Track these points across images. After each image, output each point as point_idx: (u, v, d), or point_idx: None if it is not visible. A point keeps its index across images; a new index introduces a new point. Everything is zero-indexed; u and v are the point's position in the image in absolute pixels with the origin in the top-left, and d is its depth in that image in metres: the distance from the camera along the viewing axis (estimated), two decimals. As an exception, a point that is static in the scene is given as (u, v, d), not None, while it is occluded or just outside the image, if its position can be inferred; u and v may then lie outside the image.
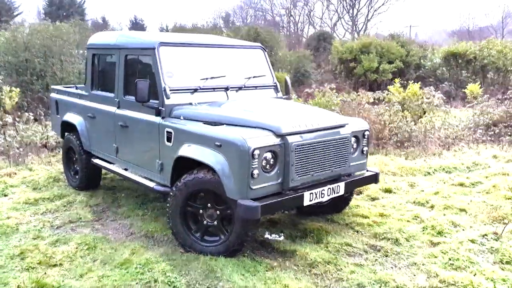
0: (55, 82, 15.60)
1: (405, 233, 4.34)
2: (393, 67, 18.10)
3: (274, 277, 3.56)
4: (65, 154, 6.28)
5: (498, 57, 18.24)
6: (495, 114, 10.29)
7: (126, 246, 4.24)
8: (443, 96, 10.31)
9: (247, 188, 3.66)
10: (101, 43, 5.50)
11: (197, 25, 35.26)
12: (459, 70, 19.58)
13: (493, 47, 18.60)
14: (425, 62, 20.39)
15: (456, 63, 19.59)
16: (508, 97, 11.65)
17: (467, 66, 19.35)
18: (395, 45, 18.82)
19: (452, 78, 19.46)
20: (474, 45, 19.47)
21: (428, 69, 20.30)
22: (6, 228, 4.60)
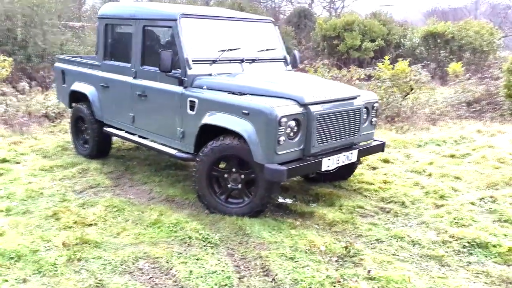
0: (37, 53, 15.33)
1: (410, 197, 4.73)
2: (375, 45, 18.48)
3: (299, 234, 3.89)
4: (74, 123, 6.39)
5: (475, 38, 18.87)
6: (476, 92, 10.84)
7: (152, 208, 4.48)
8: (428, 74, 10.79)
9: (273, 153, 3.95)
10: (115, 14, 5.59)
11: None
12: (438, 50, 20.14)
13: (470, 28, 19.21)
14: (405, 41, 20.86)
15: (435, 43, 20.12)
16: (488, 76, 12.25)
17: (445, 46, 19.92)
18: (377, 24, 19.18)
19: (431, 57, 20.02)
20: (452, 25, 20.03)
21: (408, 48, 20.79)
22: (31, 192, 4.76)
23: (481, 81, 12.04)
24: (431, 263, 3.43)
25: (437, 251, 3.57)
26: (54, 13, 15.75)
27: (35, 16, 15.09)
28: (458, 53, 19.64)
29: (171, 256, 3.52)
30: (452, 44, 19.44)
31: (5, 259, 3.37)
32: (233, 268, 3.38)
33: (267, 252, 3.57)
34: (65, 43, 15.86)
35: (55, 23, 15.88)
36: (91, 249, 3.60)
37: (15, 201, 4.57)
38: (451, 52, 19.67)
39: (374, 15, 20.89)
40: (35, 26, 15.08)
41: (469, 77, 11.87)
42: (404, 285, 3.06)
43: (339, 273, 3.27)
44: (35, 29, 14.99)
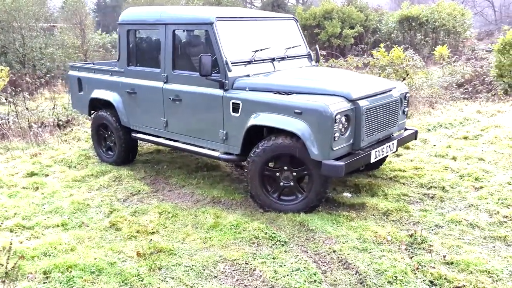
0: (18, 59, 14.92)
1: (447, 181, 4.95)
2: (354, 32, 18.81)
3: (360, 226, 4.05)
4: (96, 131, 6.33)
5: (448, 20, 19.43)
6: (466, 73, 11.23)
7: (204, 211, 4.54)
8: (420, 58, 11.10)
9: (330, 150, 4.07)
10: (139, 19, 5.55)
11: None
12: (413, 33, 20.63)
13: (442, 10, 19.75)
14: (381, 26, 21.28)
15: (410, 26, 20.60)
16: (473, 56, 12.69)
17: (420, 29, 20.42)
18: (355, 10, 19.48)
19: (407, 40, 20.49)
20: (426, 8, 20.54)
21: (384, 33, 21.22)
22: (78, 205, 4.73)
23: (466, 62, 12.49)
24: (497, 244, 3.65)
25: (498, 232, 3.79)
26: (32, 17, 15.33)
27: (13, 21, 14.65)
28: (432, 35, 20.25)
29: (247, 257, 3.61)
30: (426, 26, 19.97)
31: (87, 273, 3.38)
32: (313, 264, 3.50)
33: (338, 246, 3.71)
34: (44, 47, 15.48)
35: (32, 26, 15.46)
36: (167, 256, 3.65)
37: (65, 214, 4.54)
38: (425, 34, 20.23)
39: (351, 2, 21.18)
40: (14, 31, 14.66)
41: (457, 59, 12.28)
42: (483, 267, 3.26)
43: (415, 260, 3.44)
44: (14, 34, 14.57)
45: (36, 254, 3.67)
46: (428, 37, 20.10)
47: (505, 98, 9.42)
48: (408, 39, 20.43)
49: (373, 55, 10.58)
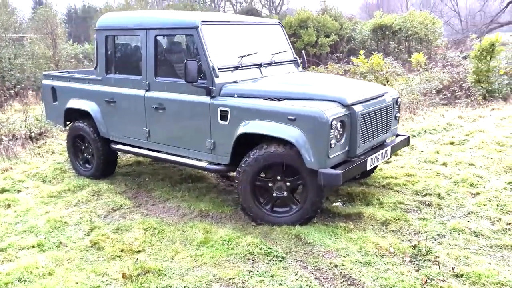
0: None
1: (442, 188, 4.82)
2: (330, 41, 18.88)
3: (360, 237, 3.85)
4: (72, 143, 5.97)
5: (420, 28, 19.75)
6: (444, 80, 11.30)
7: (192, 226, 4.26)
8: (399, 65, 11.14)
9: (326, 158, 3.87)
10: (118, 24, 5.26)
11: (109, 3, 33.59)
12: (387, 41, 20.88)
13: (414, 19, 20.08)
14: (355, 35, 21.47)
15: (383, 35, 20.84)
16: (449, 63, 12.83)
17: (393, 37, 20.68)
18: (329, 19, 19.58)
19: (381, 48, 20.72)
20: (398, 17, 20.85)
21: (359, 41, 21.40)
22: (55, 223, 4.38)
23: (443, 69, 12.61)
24: (505, 253, 3.50)
25: (504, 240, 3.66)
26: (0, 26, 14.76)
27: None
28: (405, 43, 20.55)
29: (243, 275, 3.36)
30: (399, 35, 20.25)
31: (68, 300, 3.06)
32: (315, 281, 3.27)
33: (339, 260, 3.49)
34: (13, 57, 14.88)
35: (0, 36, 14.88)
36: (156, 277, 3.36)
37: (41, 234, 4.18)
38: (399, 42, 20.52)
39: (325, 11, 21.30)
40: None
41: (433, 65, 12.37)
42: (495, 278, 3.09)
43: (423, 273, 3.25)
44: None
45: (9, 280, 3.33)
46: (401, 45, 20.40)
47: (484, 103, 9.49)
48: (382, 47, 20.66)
49: (353, 62, 10.55)
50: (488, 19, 32.77)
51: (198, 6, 20.75)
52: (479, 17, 35.43)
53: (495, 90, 9.87)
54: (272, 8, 42.75)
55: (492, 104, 9.35)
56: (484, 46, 9.79)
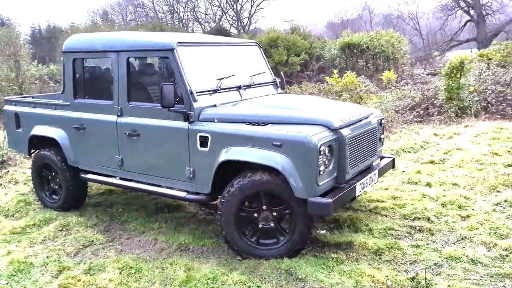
0: None
1: (430, 211, 4.67)
2: (300, 60, 18.93)
3: (353, 269, 3.62)
4: (37, 173, 5.55)
5: (387, 46, 20.12)
6: (416, 97, 11.38)
7: (172, 263, 3.93)
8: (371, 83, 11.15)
9: (315, 185, 3.65)
10: (86, 46, 4.94)
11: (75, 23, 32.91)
12: (355, 59, 21.15)
13: (381, 38, 20.46)
14: (325, 53, 21.65)
15: (351, 53, 21.11)
16: (420, 81, 12.99)
17: (361, 55, 20.98)
18: (299, 38, 19.68)
19: (349, 67, 20.94)
20: (365, 36, 21.20)
21: (327, 60, 21.59)
22: (18, 264, 3.96)
23: (413, 86, 12.74)
24: (507, 283, 3.33)
25: (504, 268, 3.49)
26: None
27: None
28: (372, 61, 20.87)
29: (233, 319, 3.06)
30: (367, 53, 20.55)
31: None
32: (312, 322, 3.01)
33: (335, 297, 3.25)
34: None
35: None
36: (136, 326, 3.02)
37: (3, 278, 3.76)
38: (366, 60, 20.82)
39: (294, 30, 21.43)
40: None
41: (405, 83, 12.48)
42: (502, 311, 2.92)
43: (425, 308, 3.04)
44: None
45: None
46: (369, 63, 20.69)
47: (457, 120, 9.56)
48: (350, 65, 20.88)
49: (327, 81, 10.49)
50: (448, 37, 33.95)
51: (167, 27, 20.46)
52: (440, 36, 36.64)
53: (466, 107, 9.97)
54: (240, 27, 43.05)
55: (464, 121, 9.41)
56: (454, 64, 9.90)
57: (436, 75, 14.95)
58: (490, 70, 11.97)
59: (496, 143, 7.30)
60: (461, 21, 34.14)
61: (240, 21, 43.84)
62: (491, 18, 32.57)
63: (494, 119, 9.40)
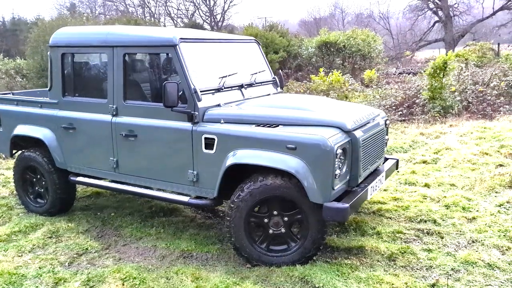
0: None
1: (435, 213, 4.62)
2: (279, 57, 18.82)
3: (370, 276, 3.49)
4: (20, 175, 5.20)
5: (363, 45, 20.26)
6: (398, 96, 11.44)
7: (177, 271, 3.71)
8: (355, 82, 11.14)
9: (331, 190, 3.51)
10: (77, 41, 4.63)
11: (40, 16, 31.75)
12: (333, 58, 21.20)
13: (357, 37, 20.58)
14: (302, 51, 21.62)
15: (328, 52, 21.15)
16: (401, 80, 13.08)
17: (338, 54, 21.05)
18: (277, 36, 19.57)
19: (326, 65, 20.99)
20: (342, 34, 21.28)
21: (305, 58, 21.57)
22: (10, 276, 3.65)
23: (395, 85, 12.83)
24: (529, 287, 3.29)
25: (524, 273, 3.45)
26: None
27: None
28: (349, 60, 20.98)
29: (252, 333, 2.88)
30: (344, 52, 20.64)
31: None
32: (337, 334, 2.86)
33: (357, 306, 3.11)
34: None
35: None
36: None
37: (-7, 293, 3.46)
38: (343, 59, 20.92)
39: (272, 27, 21.30)
40: None
41: (386, 82, 12.55)
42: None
43: (452, 317, 2.95)
44: None
45: None
46: (346, 62, 20.79)
47: (441, 120, 9.64)
48: (327, 64, 20.93)
49: (312, 80, 10.40)
50: (418, 37, 34.57)
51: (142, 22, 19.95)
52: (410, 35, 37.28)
53: (449, 107, 10.07)
54: (214, 23, 42.57)
55: (448, 121, 9.50)
56: (438, 64, 9.99)
57: (416, 74, 15.12)
58: (469, 70, 12.19)
59: (483, 142, 7.37)
60: (430, 21, 34.78)
61: (213, 17, 43.36)
62: (458, 19, 33.32)
63: (475, 119, 9.53)
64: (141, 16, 43.35)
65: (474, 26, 32.34)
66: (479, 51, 15.24)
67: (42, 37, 16.03)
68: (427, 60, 26.78)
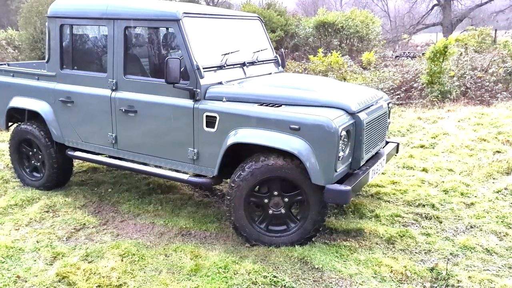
0: None
1: (434, 198, 4.63)
2: (276, 36, 18.60)
3: (369, 259, 3.51)
4: (16, 148, 5.12)
5: (361, 27, 20.08)
6: (396, 79, 11.38)
7: (176, 249, 3.71)
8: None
9: (333, 172, 3.49)
10: (77, 12, 4.51)
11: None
12: (330, 38, 20.99)
13: (355, 18, 20.37)
14: (299, 31, 21.38)
15: (326, 32, 20.93)
16: (399, 64, 13.00)
17: (336, 35, 20.84)
18: (275, 14, 19.31)
19: (323, 45, 20.80)
20: (341, 15, 21.04)
21: (302, 38, 21.34)
22: (7, 250, 3.62)
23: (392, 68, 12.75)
24: (527, 273, 3.32)
25: (522, 259, 3.48)
26: None
27: None
28: (346, 41, 20.79)
29: (252, 313, 2.89)
30: (342, 32, 20.43)
31: None
32: (337, 315, 2.88)
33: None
34: None
35: None
36: (150, 321, 2.79)
37: (-9, 265, 3.43)
38: (341, 40, 20.72)
39: (269, 6, 21.00)
40: None
41: (384, 65, 12.47)
42: (530, 305, 2.88)
43: (450, 301, 2.98)
44: None
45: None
46: (343, 43, 20.60)
47: (438, 105, 9.62)
48: (324, 44, 20.73)
49: (310, 60, 10.30)
50: (416, 20, 34.30)
51: None
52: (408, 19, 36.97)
53: (447, 92, 10.05)
54: (210, 0, 41.87)
55: (446, 105, 9.49)
56: (438, 48, 9.91)
57: (413, 57, 15.05)
58: (468, 56, 12.14)
59: (480, 128, 7.38)
60: (429, 5, 34.47)
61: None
62: (457, 3, 33.05)
63: (473, 104, 9.52)
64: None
65: (473, 11, 32.16)
66: (479, 37, 15.15)
67: (35, 7, 15.66)
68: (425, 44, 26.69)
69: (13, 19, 24.95)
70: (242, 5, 19.73)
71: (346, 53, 18.89)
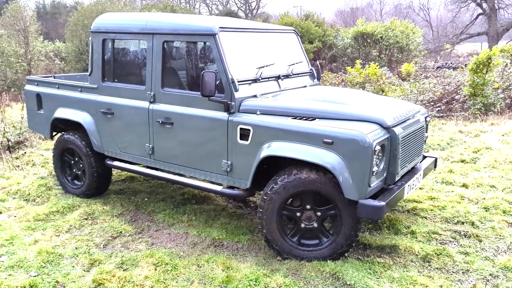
0: None
1: (474, 215, 4.47)
2: (313, 47, 18.59)
3: (403, 277, 3.43)
4: (59, 156, 5.34)
5: (401, 37, 19.74)
6: (437, 91, 11.11)
7: (208, 259, 3.74)
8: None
9: (367, 187, 3.44)
10: (118, 27, 4.68)
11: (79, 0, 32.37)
12: (369, 49, 20.76)
13: (395, 28, 20.06)
14: (337, 41, 21.28)
15: (365, 43, 20.72)
16: (440, 75, 12.69)
17: (375, 45, 20.58)
18: (313, 25, 19.31)
19: (362, 56, 20.59)
20: (380, 25, 20.78)
21: (340, 48, 21.22)
22: (47, 255, 3.77)
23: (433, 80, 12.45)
24: None
25: None
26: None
27: None
28: (386, 52, 20.48)
29: (282, 327, 2.87)
30: (381, 43, 20.16)
31: None
32: (368, 334, 2.82)
33: (390, 307, 3.06)
34: None
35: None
36: (181, 331, 2.83)
37: (32, 270, 3.57)
38: (380, 51, 20.44)
39: (307, 16, 21.03)
40: None
41: (425, 77, 12.20)
42: None
43: (489, 324, 2.86)
44: None
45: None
46: (382, 54, 20.32)
47: (481, 118, 9.31)
48: (363, 55, 20.52)
49: (348, 72, 10.22)
50: (459, 30, 33.39)
51: (179, 8, 20.06)
52: (451, 28, 36.06)
53: (491, 104, 9.72)
54: (248, 11, 42.41)
55: (489, 119, 9.17)
56: (481, 59, 9.62)
57: (456, 68, 14.65)
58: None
59: (526, 143, 7.09)
60: (473, 14, 33.52)
61: (248, 5, 43.18)
62: (504, 12, 31.97)
63: (519, 118, 9.16)
64: (176, 2, 43.68)
65: (520, 21, 31.04)
66: (525, 47, 14.56)
67: (81, 21, 16.37)
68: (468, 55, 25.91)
69: (60, 32, 26.10)
70: (280, 17, 19.84)
71: (385, 64, 18.63)
